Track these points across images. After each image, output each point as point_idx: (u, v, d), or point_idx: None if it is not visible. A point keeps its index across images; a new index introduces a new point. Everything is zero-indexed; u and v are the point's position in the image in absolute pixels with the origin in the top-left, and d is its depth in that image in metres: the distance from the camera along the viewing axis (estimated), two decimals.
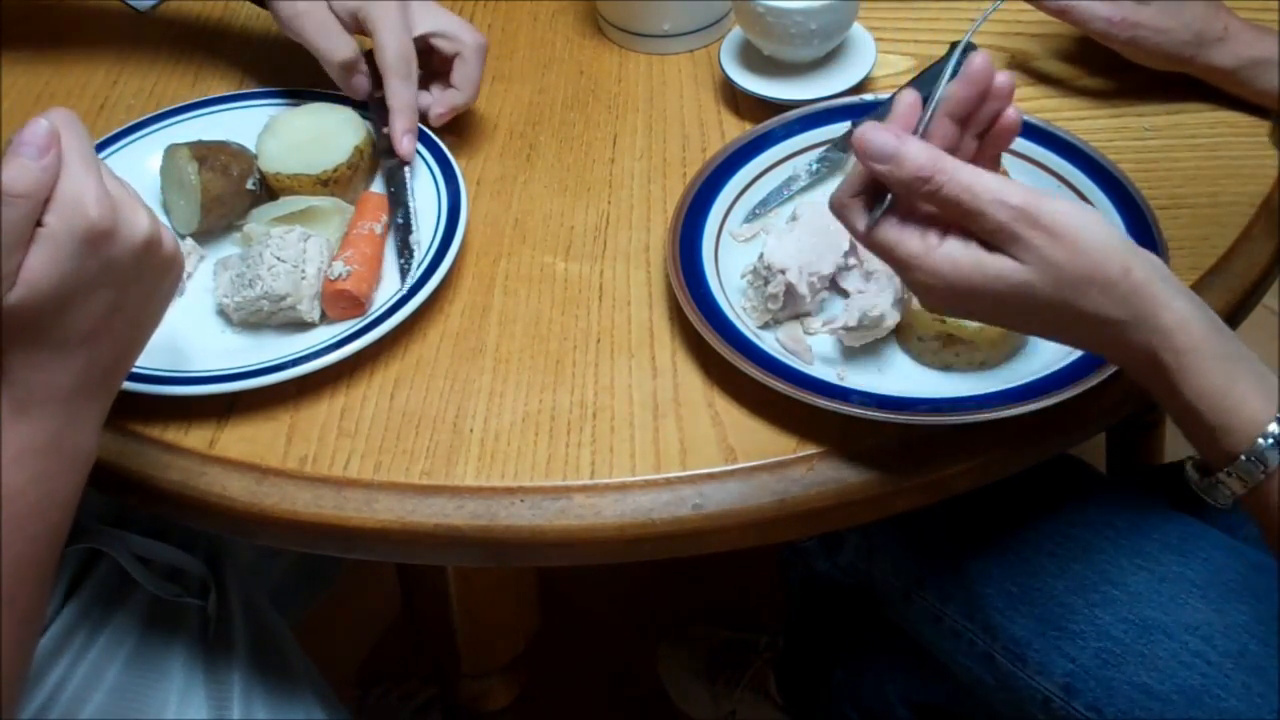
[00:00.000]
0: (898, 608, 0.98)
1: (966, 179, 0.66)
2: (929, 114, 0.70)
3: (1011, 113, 0.71)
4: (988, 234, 0.67)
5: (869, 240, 0.70)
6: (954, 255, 0.68)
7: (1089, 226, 0.66)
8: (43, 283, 0.63)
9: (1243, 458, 0.67)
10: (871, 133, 0.68)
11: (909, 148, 0.67)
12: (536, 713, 1.20)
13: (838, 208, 0.72)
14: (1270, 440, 0.66)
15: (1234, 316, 0.89)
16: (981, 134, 0.72)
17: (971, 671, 0.92)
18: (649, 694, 1.50)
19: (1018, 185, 0.67)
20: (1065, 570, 0.88)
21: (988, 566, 0.91)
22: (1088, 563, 0.87)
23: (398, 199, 0.95)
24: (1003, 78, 0.70)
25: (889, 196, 0.69)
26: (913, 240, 0.69)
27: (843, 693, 1.20)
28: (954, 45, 1.01)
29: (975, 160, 0.71)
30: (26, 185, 0.62)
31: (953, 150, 0.70)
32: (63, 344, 0.65)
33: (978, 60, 0.70)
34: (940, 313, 0.75)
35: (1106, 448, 1.43)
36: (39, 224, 0.63)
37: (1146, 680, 0.83)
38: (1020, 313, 0.69)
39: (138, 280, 0.68)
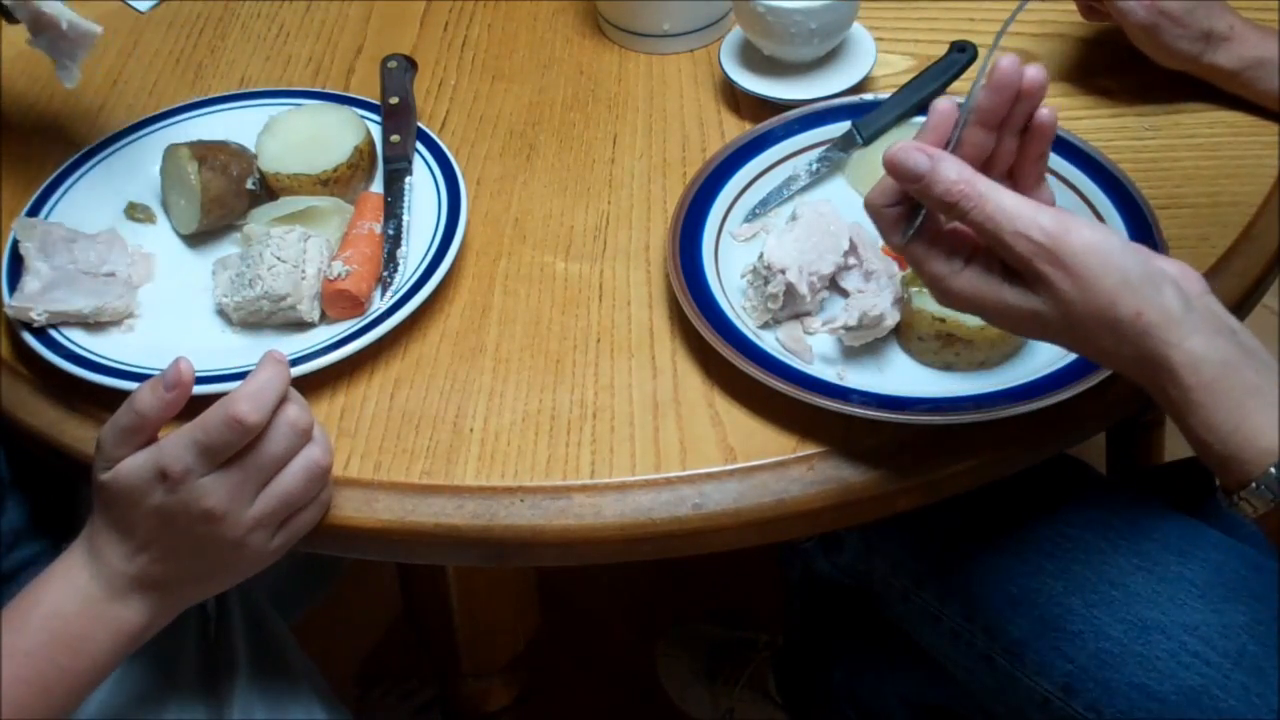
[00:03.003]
0: (897, 608, 0.98)
1: (991, 208, 0.67)
2: (960, 126, 0.71)
3: (1045, 113, 0.71)
4: (1010, 263, 0.69)
5: (899, 253, 0.73)
6: (973, 283, 0.70)
7: (1108, 266, 0.67)
8: (122, 479, 0.75)
9: (1254, 485, 0.68)
10: (903, 153, 0.69)
11: (940, 170, 0.68)
12: (536, 713, 1.20)
13: (873, 213, 0.73)
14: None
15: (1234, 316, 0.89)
16: (1023, 130, 0.72)
17: (970, 672, 0.92)
18: (649, 694, 1.50)
19: (1045, 215, 0.67)
20: (1064, 571, 0.87)
21: (987, 567, 0.91)
22: (1087, 563, 0.87)
23: (392, 209, 0.95)
24: (1033, 73, 0.70)
25: (923, 214, 0.71)
26: (937, 264, 0.71)
27: (842, 692, 1.20)
28: (953, 43, 1.02)
29: (1018, 161, 0.73)
30: (144, 407, 0.75)
31: (989, 158, 0.71)
32: (128, 532, 0.76)
33: (1004, 64, 0.70)
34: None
35: (1106, 448, 1.43)
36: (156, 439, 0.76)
37: (1145, 681, 0.82)
38: (1030, 332, 0.71)
39: (187, 531, 0.75)
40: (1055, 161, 0.94)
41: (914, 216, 0.71)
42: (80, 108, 1.09)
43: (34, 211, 0.96)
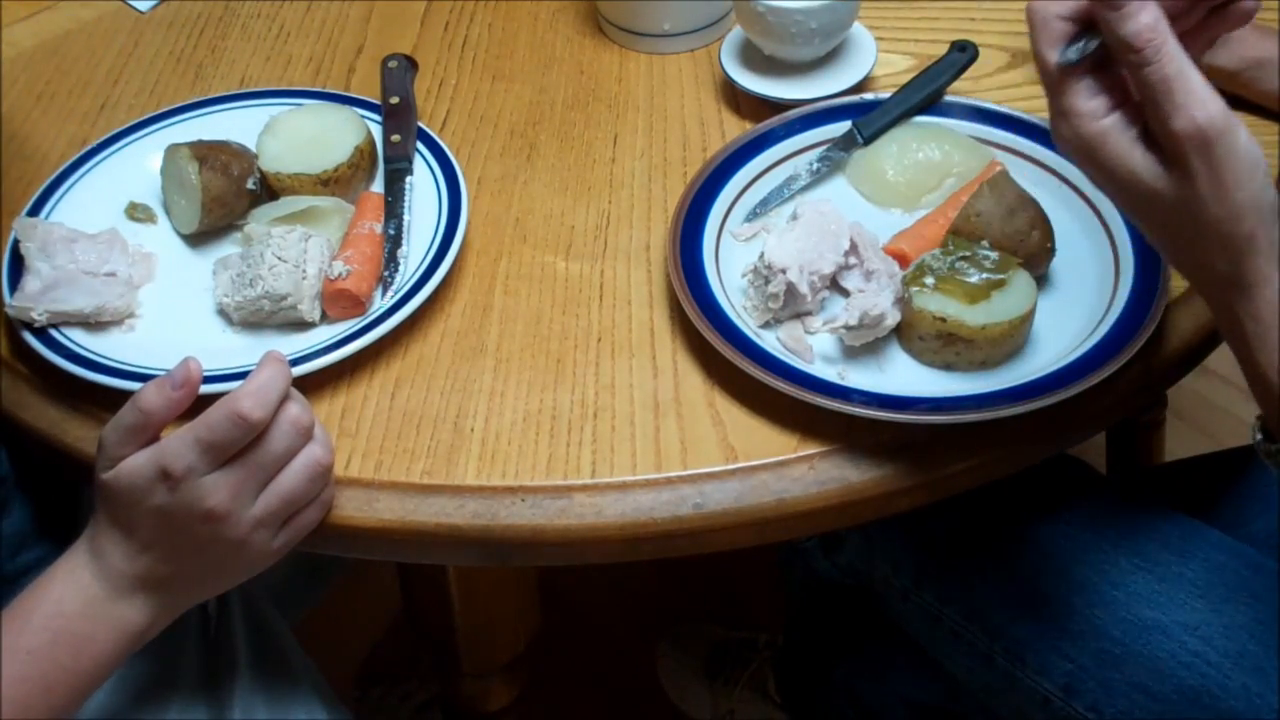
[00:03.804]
0: (897, 608, 0.98)
1: (1173, 71, 0.64)
2: None
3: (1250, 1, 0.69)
4: (1157, 131, 0.66)
5: (1044, 68, 0.69)
6: (1108, 135, 0.67)
7: (1252, 180, 0.65)
8: (124, 478, 0.75)
9: None
10: None
11: (1140, 9, 0.65)
12: (536, 713, 1.20)
13: (1038, 18, 0.69)
14: None
15: None
16: (1216, 8, 0.70)
17: (971, 672, 0.93)
18: (649, 694, 1.50)
19: (1217, 104, 0.65)
20: (1064, 571, 0.88)
21: (987, 567, 0.91)
22: (1087, 563, 0.87)
23: (393, 209, 0.95)
24: None
25: (1094, 45, 0.67)
26: (1081, 99, 0.68)
27: (842, 692, 1.20)
28: (953, 43, 1.01)
29: (1196, 30, 0.70)
30: (150, 405, 0.75)
31: (1177, 15, 0.68)
32: (130, 532, 0.76)
33: None
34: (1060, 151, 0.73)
35: (1106, 448, 1.43)
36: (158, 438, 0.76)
37: (1145, 681, 0.83)
38: (1136, 208, 0.69)
39: (190, 531, 0.76)
40: (1057, 161, 0.94)
41: (1079, 41, 0.67)
42: (80, 108, 1.09)
43: (34, 211, 0.96)
